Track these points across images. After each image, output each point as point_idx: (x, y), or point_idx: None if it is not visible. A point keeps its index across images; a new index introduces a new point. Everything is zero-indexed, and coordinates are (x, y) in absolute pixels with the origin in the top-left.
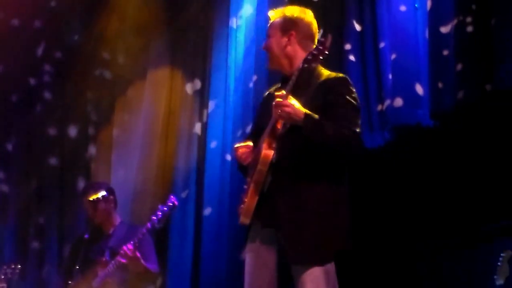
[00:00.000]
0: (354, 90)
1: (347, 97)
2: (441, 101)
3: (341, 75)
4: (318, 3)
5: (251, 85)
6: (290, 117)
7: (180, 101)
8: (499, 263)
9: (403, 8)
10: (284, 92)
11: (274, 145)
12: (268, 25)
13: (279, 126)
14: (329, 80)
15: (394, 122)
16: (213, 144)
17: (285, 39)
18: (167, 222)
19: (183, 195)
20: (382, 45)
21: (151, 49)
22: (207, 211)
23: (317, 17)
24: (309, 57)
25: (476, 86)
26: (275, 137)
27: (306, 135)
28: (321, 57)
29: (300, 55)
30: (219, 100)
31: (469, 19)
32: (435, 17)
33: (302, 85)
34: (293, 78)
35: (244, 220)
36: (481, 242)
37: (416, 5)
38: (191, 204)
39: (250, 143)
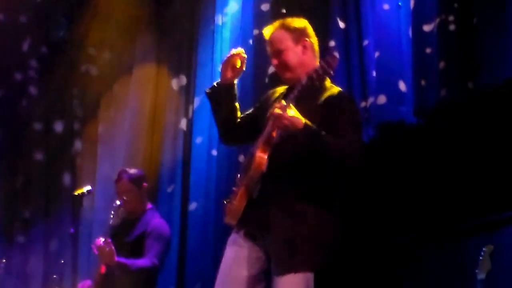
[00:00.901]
0: (356, 107)
1: (348, 113)
2: (424, 99)
3: (344, 93)
4: (302, 0)
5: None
6: (287, 129)
7: (166, 97)
8: (481, 258)
9: (386, 6)
10: (284, 102)
11: (268, 153)
12: (270, 41)
13: (274, 134)
14: (331, 96)
15: (378, 119)
16: (198, 140)
17: (300, 48)
18: None
19: (169, 190)
20: (366, 42)
21: (137, 45)
22: (192, 206)
23: (300, 13)
24: (313, 75)
25: (459, 84)
26: (270, 145)
27: (303, 143)
28: (325, 76)
29: (314, 62)
30: (205, 96)
31: (451, 18)
32: (418, 16)
33: (306, 98)
34: (296, 91)
35: (231, 221)
36: (463, 236)
37: (399, 4)
38: (177, 199)
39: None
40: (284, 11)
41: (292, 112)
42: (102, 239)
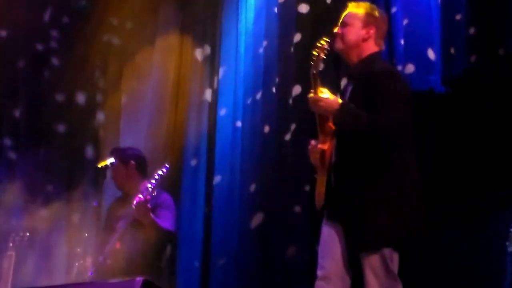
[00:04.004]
0: (398, 81)
1: (388, 88)
2: (453, 67)
3: (386, 68)
4: None
5: (261, 50)
6: (325, 110)
7: (190, 68)
8: (511, 230)
9: None
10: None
11: (326, 141)
12: (346, 14)
13: (327, 122)
14: (372, 73)
15: None
16: (223, 112)
17: (364, 32)
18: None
19: (193, 163)
20: (394, 10)
21: (159, 14)
22: (217, 179)
23: None
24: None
25: (489, 50)
26: (325, 133)
27: (339, 124)
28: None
29: (371, 51)
30: (230, 66)
31: None
32: None
33: (354, 76)
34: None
35: (318, 205)
36: (494, 209)
37: None
38: (202, 173)
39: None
40: None
41: (326, 95)
42: (141, 197)
